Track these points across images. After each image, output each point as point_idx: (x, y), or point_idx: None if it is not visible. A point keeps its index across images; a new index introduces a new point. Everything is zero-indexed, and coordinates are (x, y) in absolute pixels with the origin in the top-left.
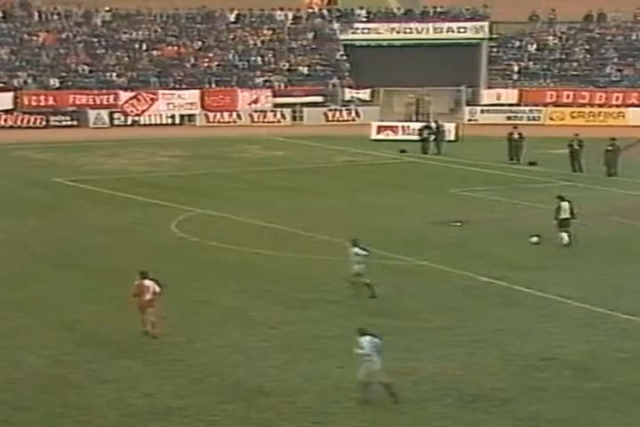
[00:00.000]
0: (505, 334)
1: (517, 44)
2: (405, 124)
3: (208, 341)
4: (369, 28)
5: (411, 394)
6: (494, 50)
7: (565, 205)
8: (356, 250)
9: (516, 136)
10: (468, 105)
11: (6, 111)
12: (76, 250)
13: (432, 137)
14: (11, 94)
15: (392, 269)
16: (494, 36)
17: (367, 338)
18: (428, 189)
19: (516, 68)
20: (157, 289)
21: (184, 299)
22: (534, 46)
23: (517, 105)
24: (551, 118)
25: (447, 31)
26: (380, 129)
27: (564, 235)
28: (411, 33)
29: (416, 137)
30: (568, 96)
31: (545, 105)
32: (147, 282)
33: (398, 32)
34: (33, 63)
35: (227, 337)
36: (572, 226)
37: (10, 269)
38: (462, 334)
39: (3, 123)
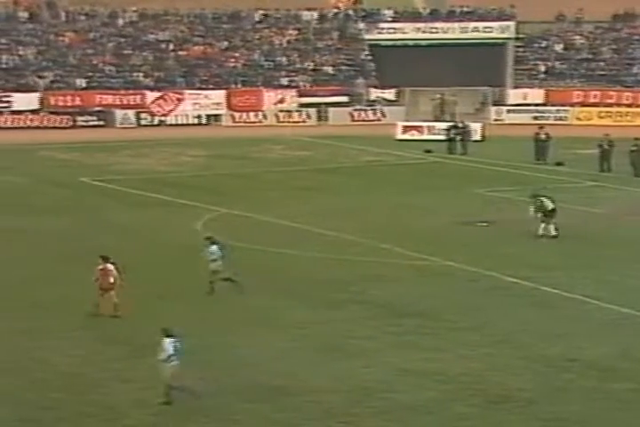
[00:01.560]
0: (531, 335)
1: (544, 43)
2: (431, 124)
3: (233, 340)
4: (395, 28)
5: (436, 394)
6: (520, 50)
7: (548, 201)
8: (214, 248)
9: (542, 136)
10: (494, 105)
11: (32, 111)
12: (101, 249)
13: (458, 137)
14: (37, 94)
15: (418, 270)
16: (520, 35)
17: (170, 339)
18: (454, 189)
19: (542, 68)
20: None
21: (209, 299)
22: (561, 46)
23: (544, 105)
24: (578, 118)
25: (473, 31)
26: (405, 129)
27: (551, 227)
28: (436, 33)
29: (442, 137)
30: (595, 96)
31: (572, 105)
32: (109, 266)
33: (424, 32)
34: (59, 63)
35: (252, 337)
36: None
37: (35, 268)
38: (488, 335)
39: (29, 123)
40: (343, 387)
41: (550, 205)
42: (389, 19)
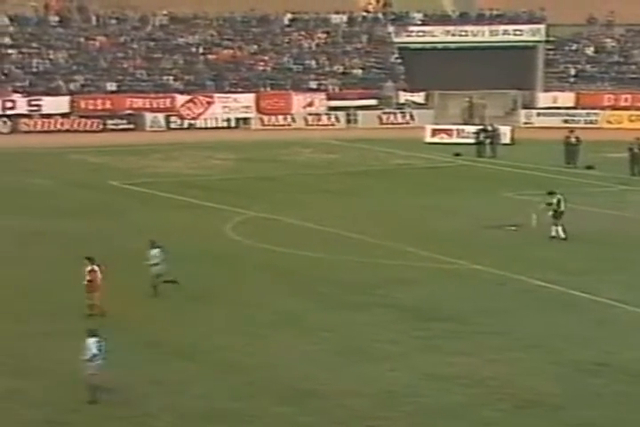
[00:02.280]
0: (559, 339)
1: (574, 46)
2: (460, 127)
3: (261, 343)
4: (424, 31)
5: (463, 398)
6: (551, 53)
7: (562, 202)
8: (155, 251)
9: (572, 140)
10: (524, 108)
11: (63, 115)
12: (129, 252)
13: (488, 140)
14: (67, 98)
15: (445, 273)
16: (551, 38)
17: (94, 339)
18: (483, 192)
19: (572, 71)
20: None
21: (237, 301)
22: (592, 49)
23: (574, 108)
24: (609, 122)
25: (503, 34)
26: (434, 132)
27: (559, 229)
28: (466, 36)
29: (471, 140)
30: (626, 99)
31: (602, 108)
32: (96, 267)
33: (453, 35)
34: (90, 67)
35: (279, 340)
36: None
37: (61, 270)
38: (516, 339)
39: (59, 126)
40: (369, 390)
41: (562, 206)
42: (419, 22)
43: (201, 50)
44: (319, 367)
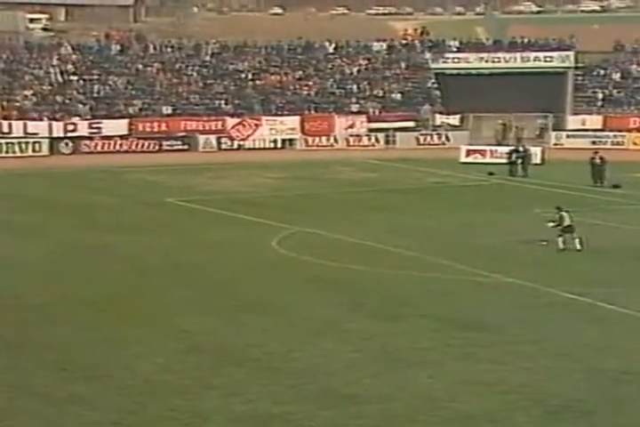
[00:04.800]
0: (589, 349)
1: (602, 72)
2: (493, 147)
3: (305, 350)
4: (459, 58)
5: (497, 404)
6: (580, 78)
7: (566, 215)
8: None
9: (597, 161)
10: (554, 130)
11: (122, 137)
12: (184, 264)
13: (519, 160)
14: (126, 121)
15: (479, 285)
16: (580, 64)
17: None
18: (515, 209)
19: (600, 96)
20: None
21: (283, 310)
22: (618, 75)
23: (602, 130)
24: (634, 143)
25: (534, 60)
26: (468, 152)
27: (576, 241)
28: (499, 62)
29: (504, 160)
30: None
31: (628, 130)
32: None
33: (487, 61)
34: (147, 92)
35: (322, 347)
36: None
37: (123, 282)
38: (547, 348)
39: (119, 147)
40: (408, 396)
41: (567, 221)
42: (454, 49)
43: (250, 76)
44: (360, 373)
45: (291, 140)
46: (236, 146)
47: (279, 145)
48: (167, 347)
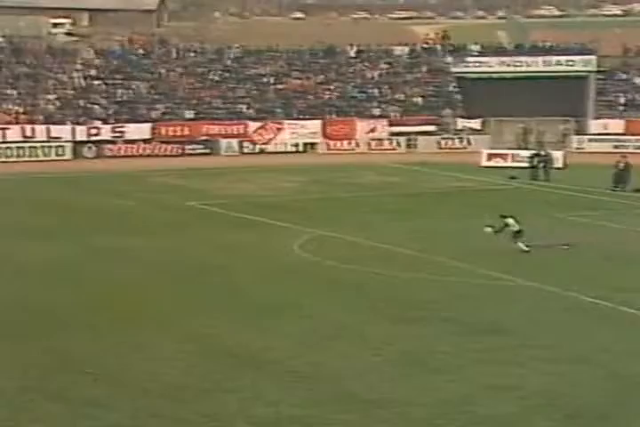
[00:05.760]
0: (609, 354)
1: (624, 76)
2: (515, 152)
3: (324, 354)
4: (480, 62)
5: (517, 408)
6: (601, 82)
7: (511, 220)
8: None
9: (621, 164)
10: (576, 134)
11: (145, 141)
12: (204, 268)
13: (541, 164)
14: (149, 125)
15: (500, 289)
16: (602, 69)
17: None
18: (536, 213)
19: (622, 100)
20: None
21: (303, 314)
22: None
23: (623, 134)
24: None
25: (556, 64)
26: (490, 156)
27: (521, 244)
28: (520, 66)
29: (525, 164)
30: None
31: None
32: None
33: (508, 65)
34: (170, 96)
35: (342, 351)
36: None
37: (141, 285)
38: (567, 352)
39: (142, 151)
40: (427, 400)
41: (516, 227)
42: (475, 53)
43: (272, 80)
44: (380, 378)
45: (312, 144)
46: (257, 150)
47: (301, 149)
48: (186, 350)
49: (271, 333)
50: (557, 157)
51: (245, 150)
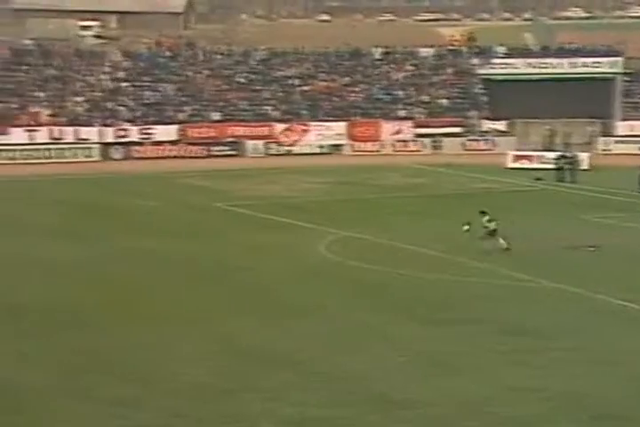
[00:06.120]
0: (635, 355)
1: None
2: (541, 153)
3: (350, 355)
4: (506, 64)
5: (542, 410)
6: (628, 84)
7: (492, 222)
8: None
9: None
10: (602, 136)
11: (172, 142)
12: (230, 269)
13: (567, 166)
14: (176, 127)
15: (525, 291)
16: (628, 70)
17: None
18: (562, 214)
19: None
20: None
21: (328, 315)
22: None
23: None
24: None
25: (582, 66)
26: (516, 158)
27: (502, 242)
28: (547, 68)
29: (551, 166)
30: None
31: None
32: None
33: (535, 67)
34: (197, 98)
35: (368, 352)
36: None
37: (167, 286)
38: (593, 354)
39: (168, 153)
40: (452, 401)
41: (493, 226)
42: (502, 55)
43: (298, 82)
44: (405, 379)
45: (338, 145)
46: (283, 151)
47: (326, 150)
48: (212, 350)
49: (296, 333)
50: (584, 158)
51: (271, 152)
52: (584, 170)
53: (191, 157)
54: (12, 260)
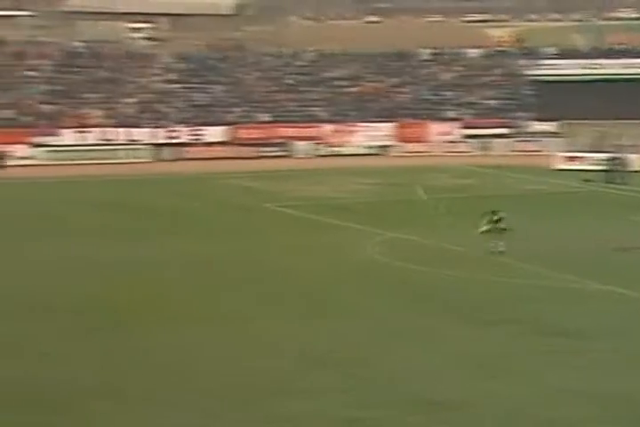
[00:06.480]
0: None
1: None
2: (590, 154)
3: (392, 355)
4: (555, 65)
5: (587, 412)
6: None
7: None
8: None
9: None
10: None
11: (222, 143)
12: (276, 270)
13: (617, 167)
14: (226, 128)
15: (572, 292)
16: None
17: None
18: (612, 216)
19: None
20: None
21: (374, 315)
22: None
23: None
24: None
25: (633, 67)
26: (565, 159)
27: (501, 243)
28: (596, 69)
29: (601, 167)
30: None
31: None
32: None
33: (584, 68)
34: (246, 99)
35: (410, 353)
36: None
37: (208, 286)
38: (636, 356)
39: (218, 154)
40: (493, 402)
41: (503, 225)
42: (551, 56)
43: (346, 83)
44: (447, 379)
45: (386, 146)
46: (331, 152)
47: (374, 151)
48: (249, 350)
49: (341, 334)
50: (633, 160)
51: (320, 153)
52: (634, 171)
53: (240, 158)
54: (55, 260)
